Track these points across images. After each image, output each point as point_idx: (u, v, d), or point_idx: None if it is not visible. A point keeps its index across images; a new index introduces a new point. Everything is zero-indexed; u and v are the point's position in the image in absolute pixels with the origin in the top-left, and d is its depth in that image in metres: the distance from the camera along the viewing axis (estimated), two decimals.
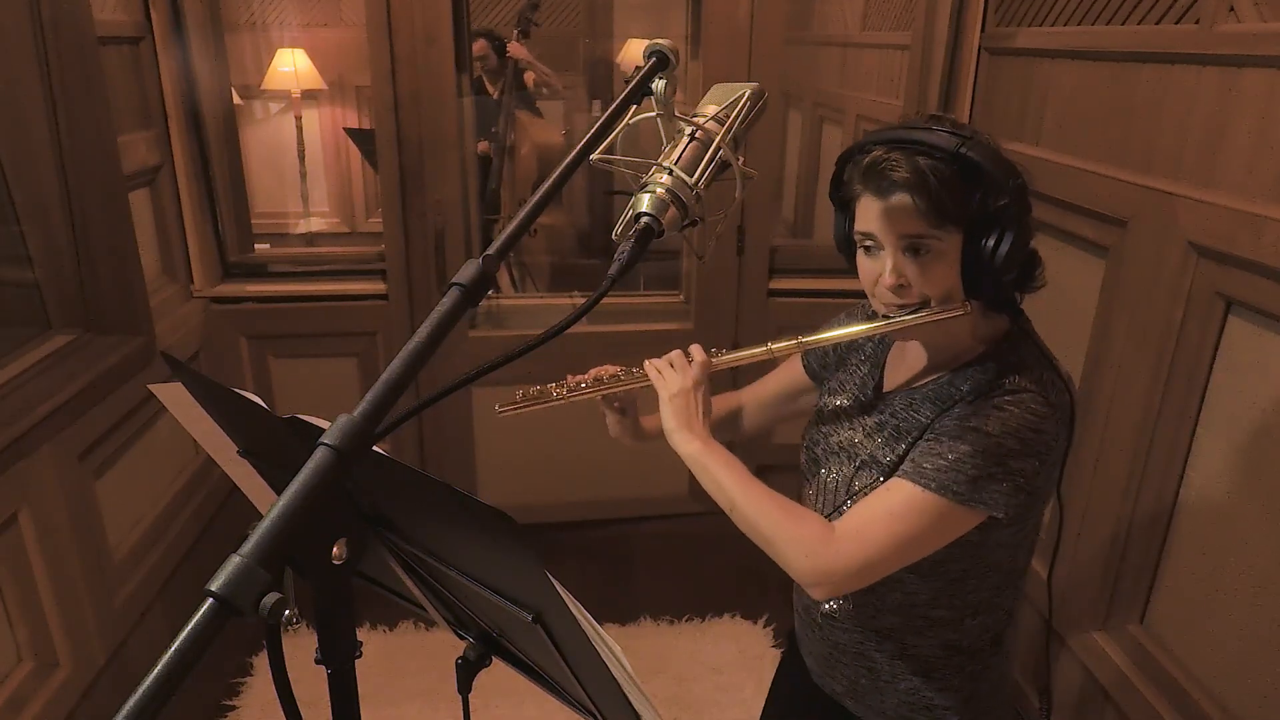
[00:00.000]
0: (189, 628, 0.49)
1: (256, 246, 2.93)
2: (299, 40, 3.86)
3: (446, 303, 0.63)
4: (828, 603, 1.18)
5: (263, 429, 0.85)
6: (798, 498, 1.13)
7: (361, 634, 0.79)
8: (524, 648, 0.87)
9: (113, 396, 2.08)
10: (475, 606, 0.85)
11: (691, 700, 2.30)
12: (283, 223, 4.15)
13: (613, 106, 0.78)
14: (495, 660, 0.93)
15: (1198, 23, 1.62)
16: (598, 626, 0.69)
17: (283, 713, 0.71)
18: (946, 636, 1.12)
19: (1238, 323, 1.57)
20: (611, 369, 1.26)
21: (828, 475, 1.14)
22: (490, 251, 0.66)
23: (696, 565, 2.91)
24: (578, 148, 0.75)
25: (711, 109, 0.87)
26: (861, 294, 1.09)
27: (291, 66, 3.82)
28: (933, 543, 1.00)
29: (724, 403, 1.38)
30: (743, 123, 0.86)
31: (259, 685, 2.31)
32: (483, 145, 3.38)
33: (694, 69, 2.64)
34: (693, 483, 3.05)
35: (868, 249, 1.03)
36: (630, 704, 0.71)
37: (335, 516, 0.74)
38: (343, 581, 0.75)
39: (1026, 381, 0.99)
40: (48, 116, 1.98)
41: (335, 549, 0.74)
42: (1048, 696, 1.23)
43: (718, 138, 0.83)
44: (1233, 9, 1.54)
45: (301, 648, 0.75)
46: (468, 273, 0.64)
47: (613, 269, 0.74)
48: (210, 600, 0.50)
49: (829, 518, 1.08)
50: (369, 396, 0.59)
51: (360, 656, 0.79)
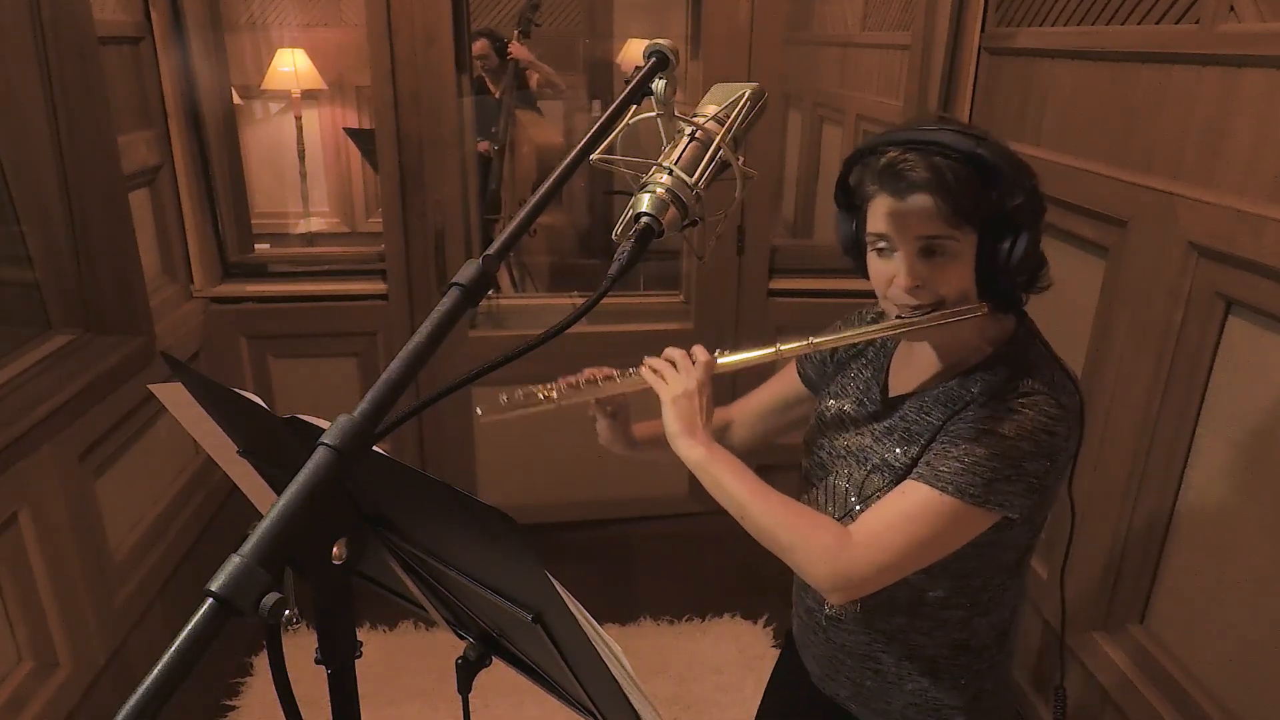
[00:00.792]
0: (189, 628, 0.49)
1: (256, 246, 2.93)
2: (299, 40, 3.87)
3: (446, 303, 0.63)
4: (831, 608, 1.17)
5: (263, 429, 0.85)
6: (798, 499, 1.12)
7: (361, 634, 0.79)
8: (524, 648, 0.87)
9: (113, 396, 2.08)
10: (475, 606, 0.85)
11: (691, 700, 2.30)
12: (283, 223, 4.15)
13: (613, 106, 0.78)
14: (495, 660, 0.93)
15: (1198, 23, 1.62)
16: (598, 626, 0.69)
17: (283, 713, 0.71)
18: (955, 636, 1.12)
19: (1238, 323, 1.57)
20: (606, 370, 1.22)
21: (836, 480, 1.14)
22: (490, 251, 0.66)
23: (696, 565, 2.91)
24: (578, 148, 0.75)
25: (711, 109, 0.87)
26: (863, 294, 1.09)
27: (291, 66, 3.82)
28: (949, 544, 1.00)
29: (716, 416, 1.31)
30: (743, 123, 0.86)
31: (259, 685, 2.31)
32: (483, 145, 3.38)
33: (694, 69, 2.64)
34: (693, 482, 3.04)
35: (880, 251, 1.02)
36: (630, 704, 0.71)
37: (335, 516, 0.74)
38: (343, 581, 0.75)
39: (1038, 384, 0.99)
40: (48, 116, 1.98)
41: (335, 549, 0.74)
42: (1062, 695, 1.23)
43: (718, 138, 0.83)
44: (1233, 9, 1.54)
45: (301, 648, 0.75)
46: (468, 273, 0.64)
47: (613, 269, 0.74)
48: (210, 600, 0.50)
49: (840, 521, 1.07)
50: (369, 396, 0.59)
51: (360, 656, 0.79)
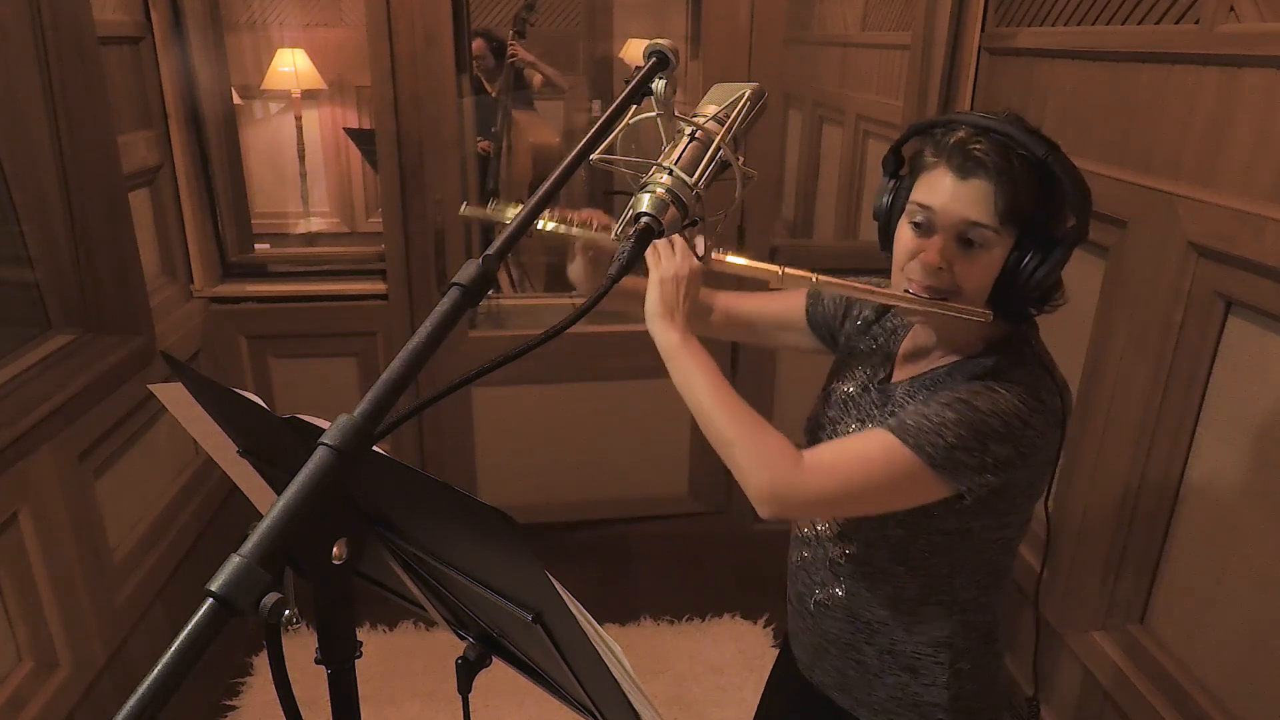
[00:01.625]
0: (189, 628, 0.49)
1: (256, 246, 2.93)
2: (299, 40, 3.86)
3: (446, 303, 0.63)
4: (819, 592, 1.18)
5: (263, 429, 0.85)
6: None
7: (361, 634, 0.79)
8: (524, 648, 0.87)
9: (113, 396, 2.08)
10: (475, 606, 0.85)
11: (691, 700, 2.30)
12: (283, 223, 4.15)
13: (613, 106, 0.78)
14: (495, 660, 0.93)
15: (1198, 23, 1.62)
16: (598, 626, 0.69)
17: (283, 713, 0.71)
18: (934, 634, 1.13)
19: (1238, 323, 1.57)
20: (606, 218, 1.16)
21: None
22: (490, 251, 0.66)
23: (696, 565, 2.91)
24: (578, 148, 0.75)
25: (711, 109, 0.87)
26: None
27: (291, 66, 3.82)
28: (893, 497, 1.00)
29: (700, 297, 1.30)
30: (743, 123, 0.86)
31: (259, 685, 2.31)
32: (483, 144, 3.38)
33: (694, 69, 2.64)
34: (692, 482, 3.06)
35: (918, 225, 1.00)
36: (630, 704, 0.71)
37: (335, 516, 0.75)
38: (343, 581, 0.75)
39: (1021, 375, 1.00)
40: (48, 116, 1.98)
41: (335, 549, 0.74)
42: (1035, 707, 1.23)
43: (718, 138, 0.83)
44: (1233, 9, 1.54)
45: (301, 648, 0.75)
46: (468, 273, 0.64)
47: (613, 269, 0.75)
48: (210, 600, 0.50)
49: None
50: (369, 396, 0.59)
51: (360, 656, 0.79)
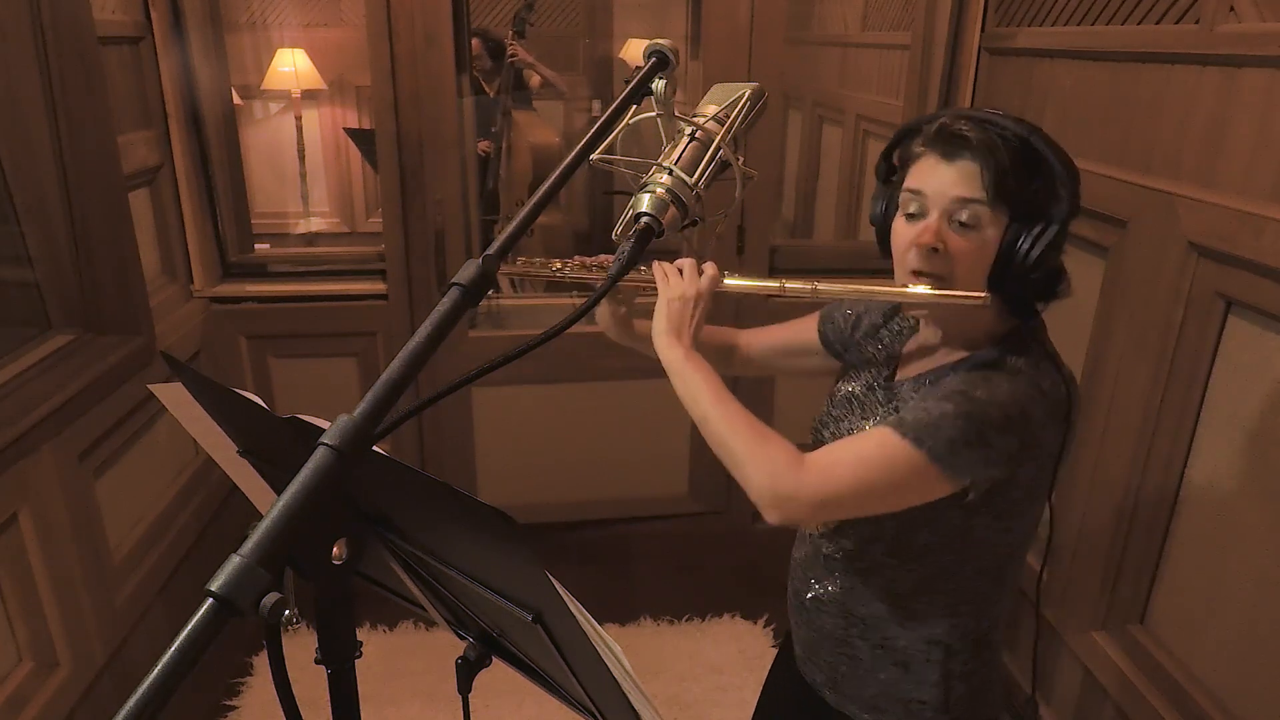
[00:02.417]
0: (189, 628, 0.49)
1: (256, 246, 2.93)
2: (299, 40, 3.86)
3: (446, 303, 0.63)
4: (815, 587, 1.18)
5: (263, 429, 0.85)
6: None
7: (361, 634, 0.79)
8: (524, 648, 0.87)
9: (113, 396, 2.08)
10: (475, 606, 0.85)
11: (691, 700, 2.30)
12: (283, 223, 4.15)
13: (613, 106, 0.78)
14: (495, 660, 0.93)
15: (1198, 23, 1.62)
16: (598, 626, 0.69)
17: (283, 713, 0.71)
18: (928, 631, 1.12)
19: (1238, 323, 1.57)
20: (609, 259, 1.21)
21: None
22: (490, 251, 0.66)
23: (696, 565, 2.91)
24: (578, 148, 0.75)
25: (711, 109, 0.87)
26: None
27: (291, 66, 3.82)
28: (896, 495, 0.99)
29: (719, 335, 1.36)
30: (743, 123, 0.86)
31: (259, 685, 2.31)
32: (483, 144, 3.38)
33: (694, 69, 2.64)
34: (692, 482, 3.06)
35: (911, 216, 1.02)
36: (630, 704, 0.71)
37: (335, 516, 0.74)
38: (343, 581, 0.75)
39: (1022, 365, 1.00)
40: (48, 116, 1.98)
41: (335, 549, 0.74)
42: (1033, 705, 1.23)
43: (718, 138, 0.83)
44: (1233, 9, 1.54)
45: (301, 648, 0.75)
46: (468, 273, 0.64)
47: (613, 268, 0.75)
48: (210, 600, 0.50)
49: None
50: (369, 396, 0.59)
51: (360, 656, 0.79)
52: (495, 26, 3.78)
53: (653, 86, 0.81)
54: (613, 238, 0.80)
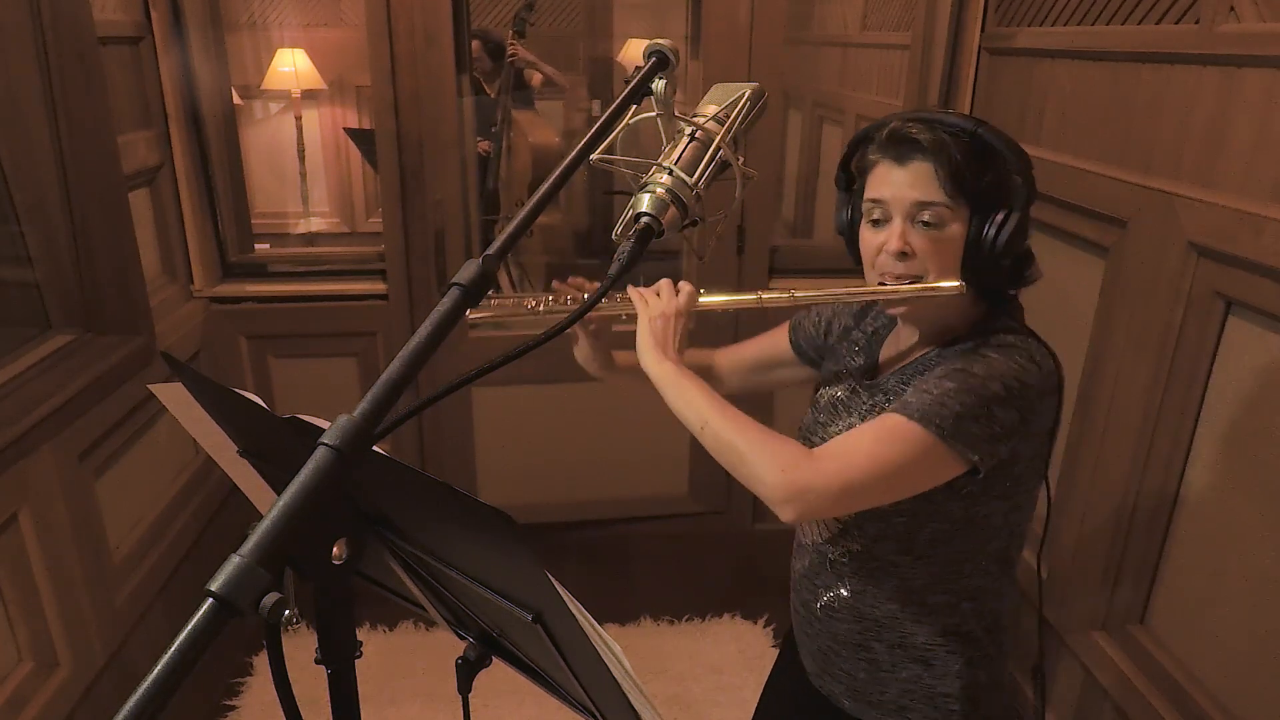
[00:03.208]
0: (189, 628, 0.49)
1: (256, 246, 2.93)
2: (299, 40, 3.86)
3: (446, 303, 0.63)
4: (825, 595, 1.18)
5: (263, 429, 0.85)
6: None
7: (361, 634, 0.79)
8: (524, 648, 0.87)
9: (113, 396, 2.08)
10: (475, 606, 0.85)
11: (691, 700, 2.30)
12: (283, 223, 4.14)
13: (613, 106, 0.78)
14: (495, 660, 0.93)
15: (1198, 23, 1.62)
16: (598, 626, 0.69)
17: (283, 713, 0.71)
18: (944, 622, 1.13)
19: (1238, 323, 1.57)
20: (592, 286, 1.20)
21: None
22: (490, 251, 0.66)
23: (696, 565, 2.91)
24: (578, 148, 0.75)
25: (711, 109, 0.87)
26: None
27: (291, 66, 3.82)
28: (910, 478, 0.99)
29: (694, 357, 1.33)
30: (743, 123, 0.86)
31: (259, 685, 2.31)
32: (483, 145, 3.38)
33: (694, 69, 2.64)
34: (692, 482, 3.06)
35: (875, 222, 1.04)
36: (630, 704, 0.71)
37: (335, 516, 0.74)
38: (343, 581, 0.75)
39: (1010, 340, 1.02)
40: (48, 116, 1.98)
41: (335, 549, 0.74)
42: (1041, 676, 1.23)
43: (718, 138, 0.83)
44: (1233, 9, 1.54)
45: (301, 648, 0.75)
46: (468, 273, 0.64)
47: (613, 269, 0.75)
48: (210, 600, 0.50)
49: None
50: (369, 396, 0.59)
51: (360, 656, 0.79)
52: (495, 27, 3.78)
53: (653, 86, 0.81)
54: (613, 238, 0.80)
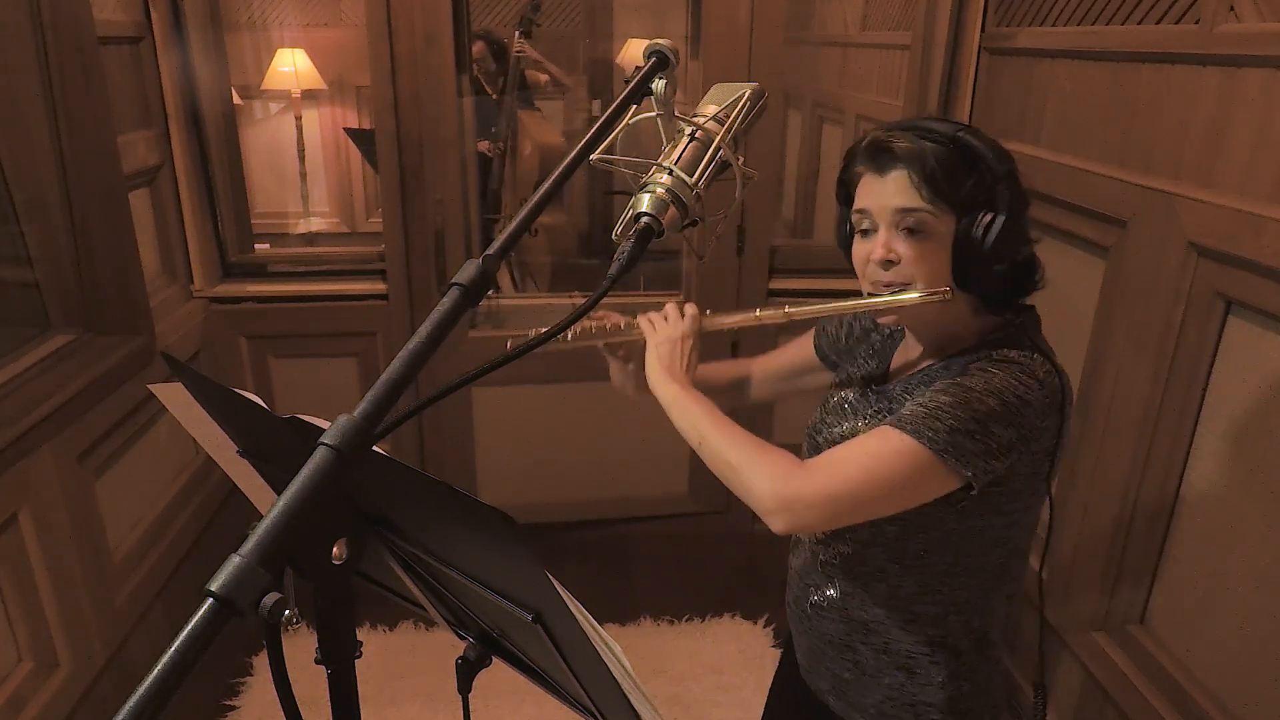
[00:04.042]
0: (189, 628, 0.49)
1: (256, 246, 2.93)
2: (299, 40, 3.86)
3: (446, 303, 0.63)
4: (814, 594, 1.18)
5: (263, 429, 0.85)
6: None
7: (361, 634, 0.79)
8: (524, 648, 0.87)
9: (113, 396, 2.08)
10: (475, 606, 0.85)
11: (691, 700, 2.30)
12: (283, 223, 4.14)
13: (613, 106, 0.78)
14: (495, 660, 0.93)
15: (1198, 23, 1.62)
16: (598, 626, 0.69)
17: (283, 713, 0.71)
18: (930, 633, 1.12)
19: (1238, 323, 1.57)
20: (614, 319, 1.30)
21: None
22: (490, 251, 0.66)
23: (696, 565, 2.91)
24: (578, 148, 0.75)
25: (711, 109, 0.87)
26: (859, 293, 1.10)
27: (291, 66, 3.82)
28: (902, 492, 0.98)
29: (733, 368, 1.42)
30: (743, 123, 0.86)
31: (259, 685, 2.31)
32: (484, 145, 3.38)
33: (694, 69, 2.64)
34: (692, 482, 3.06)
35: (864, 232, 1.05)
36: (630, 704, 0.71)
37: (335, 516, 0.74)
38: (343, 581, 0.75)
39: (1014, 355, 1.01)
40: (48, 116, 1.98)
41: (335, 549, 0.73)
42: (1042, 692, 1.23)
43: (718, 138, 0.83)
44: (1233, 9, 1.54)
45: (301, 648, 0.75)
46: (468, 273, 0.64)
47: (613, 269, 0.75)
48: (210, 600, 0.50)
49: None
50: (369, 396, 0.59)
51: (360, 656, 0.79)
52: (496, 27, 3.78)
53: (653, 86, 0.81)
54: (613, 238, 0.79)
